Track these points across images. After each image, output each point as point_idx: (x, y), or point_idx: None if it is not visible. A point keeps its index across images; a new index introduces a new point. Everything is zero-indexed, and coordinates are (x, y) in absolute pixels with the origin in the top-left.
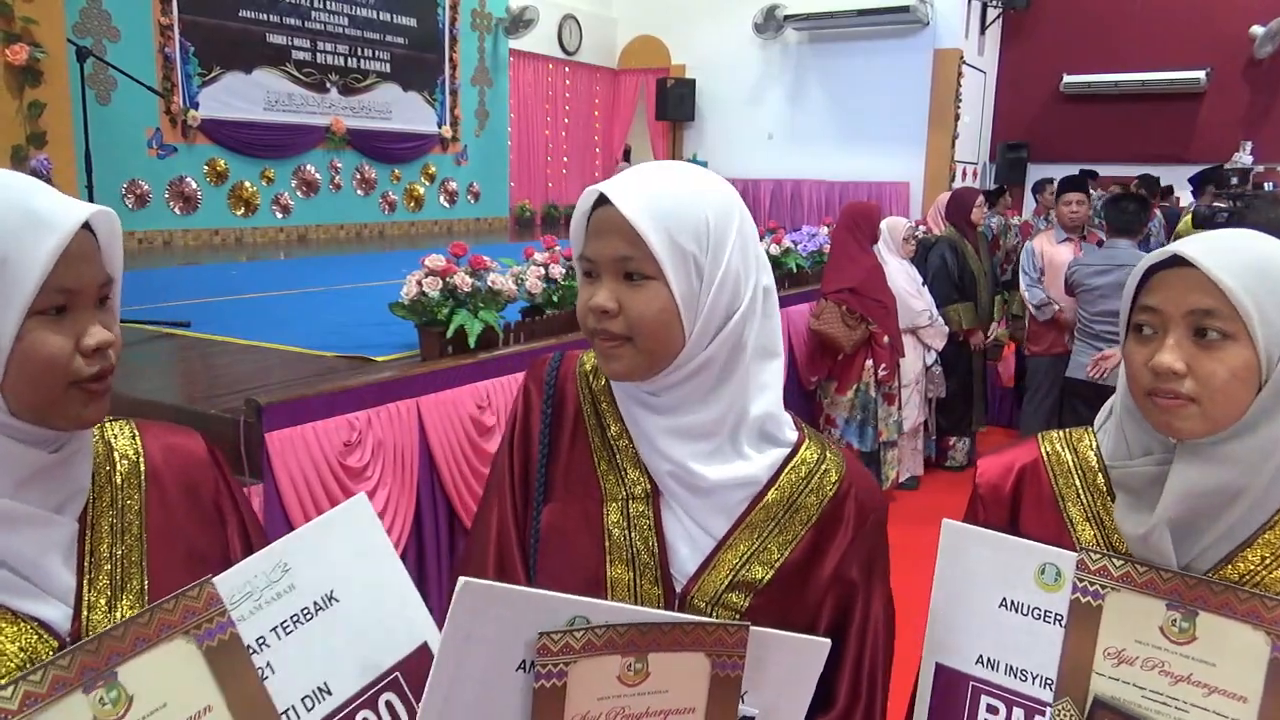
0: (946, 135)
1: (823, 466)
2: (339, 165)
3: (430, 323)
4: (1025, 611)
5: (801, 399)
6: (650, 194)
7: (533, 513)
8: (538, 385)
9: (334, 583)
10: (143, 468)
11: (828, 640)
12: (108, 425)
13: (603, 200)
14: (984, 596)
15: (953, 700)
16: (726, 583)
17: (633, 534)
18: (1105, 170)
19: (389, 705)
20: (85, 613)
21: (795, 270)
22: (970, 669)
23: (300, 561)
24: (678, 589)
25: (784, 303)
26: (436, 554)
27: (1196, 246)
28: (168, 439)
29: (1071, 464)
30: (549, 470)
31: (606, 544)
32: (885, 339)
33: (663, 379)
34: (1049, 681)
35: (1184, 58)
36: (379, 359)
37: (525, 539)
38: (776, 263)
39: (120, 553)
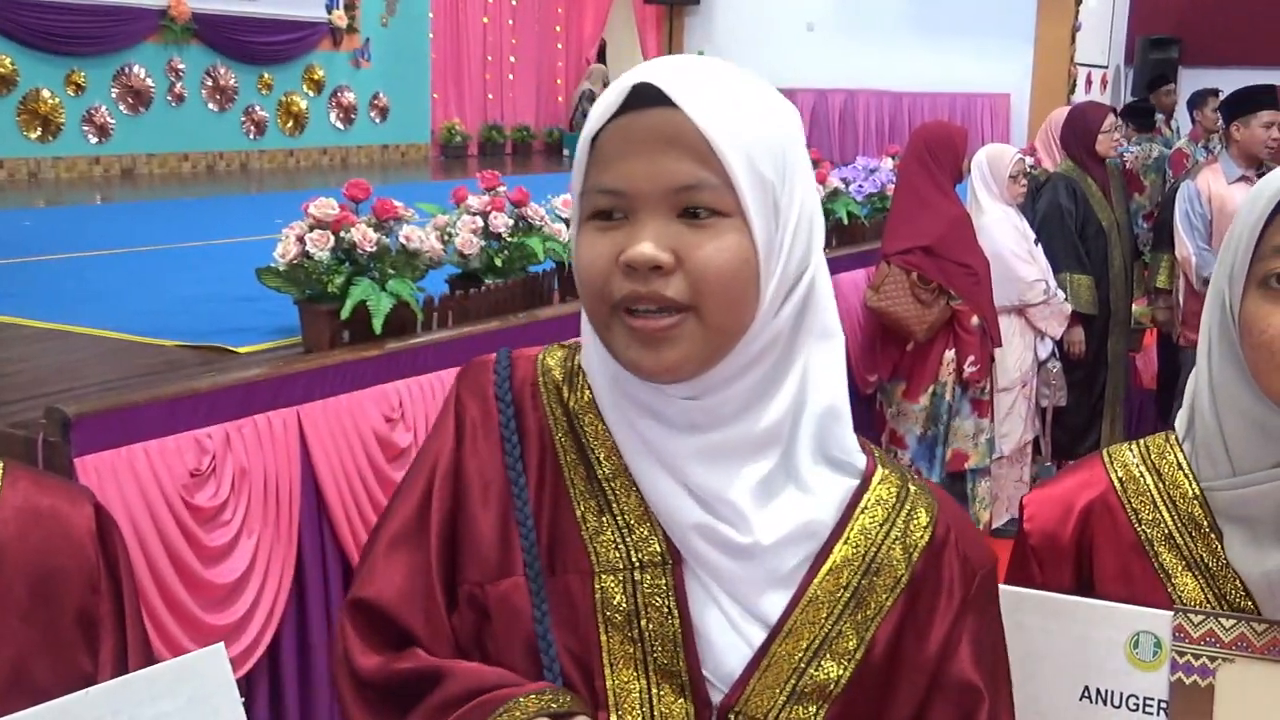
0: (1064, 27)
1: (907, 505)
2: (181, 67)
3: (317, 297)
4: (1118, 702)
5: (857, 409)
6: (720, 93)
7: (478, 592)
8: (482, 403)
9: None
10: None
11: None
12: None
13: (640, 100)
14: (1058, 687)
15: None
16: (788, 690)
17: (643, 619)
18: None
19: None
20: None
21: (846, 221)
22: None
23: None
24: (715, 700)
25: (830, 268)
26: (326, 630)
27: None
28: (38, 500)
29: (1155, 491)
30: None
31: (603, 638)
32: (974, 320)
33: (712, 374)
34: None
35: None
36: (242, 350)
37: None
38: None
39: None
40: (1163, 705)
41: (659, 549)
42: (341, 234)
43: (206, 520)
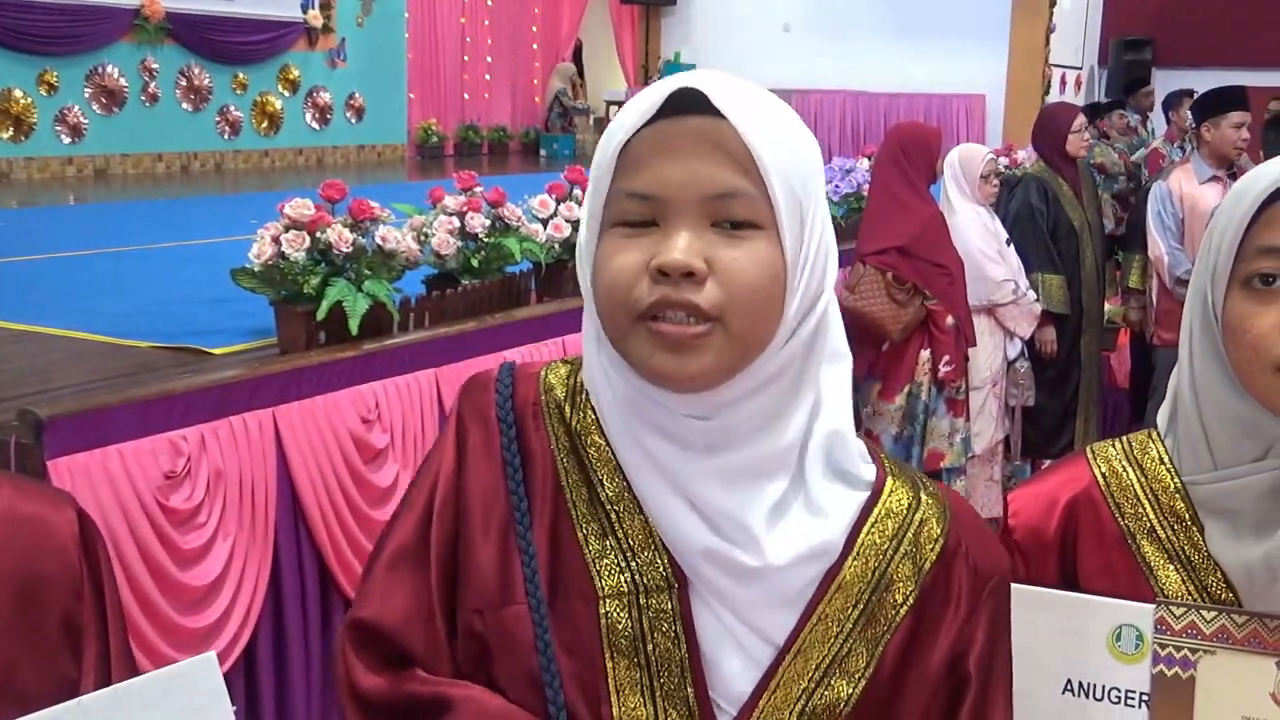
0: (1039, 29)
1: (917, 516)
2: (155, 66)
3: (293, 298)
4: (1100, 695)
5: None
6: (759, 108)
7: (481, 620)
8: (483, 425)
9: None
10: None
11: None
12: None
13: (676, 107)
14: (1041, 680)
15: None
16: (798, 710)
17: (649, 644)
18: (1260, 78)
19: None
20: None
21: None
22: None
23: None
24: None
25: None
26: (303, 633)
27: None
28: (21, 505)
29: (1137, 485)
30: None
31: (608, 664)
32: (949, 320)
33: (726, 390)
34: None
35: None
36: (217, 351)
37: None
38: None
39: None
40: (1145, 698)
41: (664, 572)
42: (317, 234)
43: (181, 522)
